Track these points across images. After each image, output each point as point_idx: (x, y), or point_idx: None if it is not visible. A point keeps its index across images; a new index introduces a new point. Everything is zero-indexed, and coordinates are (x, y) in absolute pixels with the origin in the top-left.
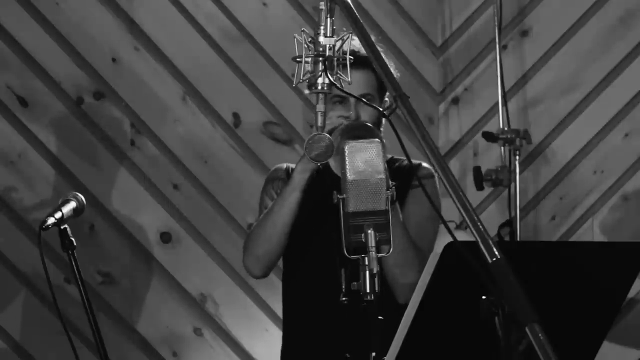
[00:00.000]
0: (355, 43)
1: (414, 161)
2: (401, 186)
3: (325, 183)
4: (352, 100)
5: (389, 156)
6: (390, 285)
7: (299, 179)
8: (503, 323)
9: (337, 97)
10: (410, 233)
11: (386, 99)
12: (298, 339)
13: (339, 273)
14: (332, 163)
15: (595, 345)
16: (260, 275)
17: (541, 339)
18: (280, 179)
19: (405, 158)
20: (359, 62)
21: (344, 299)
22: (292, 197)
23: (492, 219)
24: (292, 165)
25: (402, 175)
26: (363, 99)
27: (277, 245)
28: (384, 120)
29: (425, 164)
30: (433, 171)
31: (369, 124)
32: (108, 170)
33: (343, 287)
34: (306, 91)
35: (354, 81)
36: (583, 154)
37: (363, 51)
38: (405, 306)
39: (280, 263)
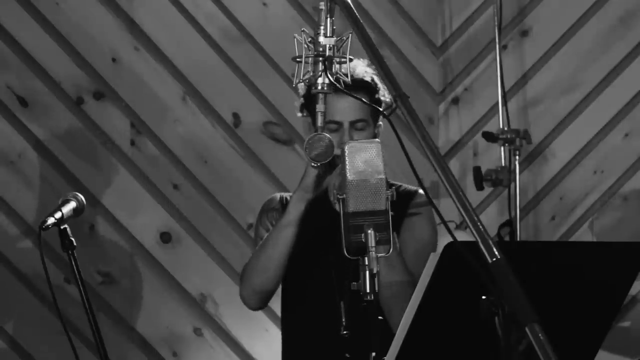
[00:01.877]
0: (352, 65)
1: (411, 188)
2: (397, 214)
3: (323, 214)
4: (345, 126)
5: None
6: (386, 314)
7: (295, 211)
8: (503, 323)
9: (331, 123)
10: (407, 261)
11: (380, 123)
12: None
13: (338, 305)
14: (331, 196)
15: (595, 345)
16: (257, 307)
17: (541, 339)
18: (275, 210)
19: (400, 183)
20: (353, 87)
21: (344, 332)
22: (287, 229)
23: (492, 219)
24: (287, 195)
25: (397, 202)
26: (363, 99)
27: (274, 277)
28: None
29: (421, 191)
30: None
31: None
32: (108, 170)
33: (343, 320)
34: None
35: (348, 107)
36: (583, 154)
37: (358, 75)
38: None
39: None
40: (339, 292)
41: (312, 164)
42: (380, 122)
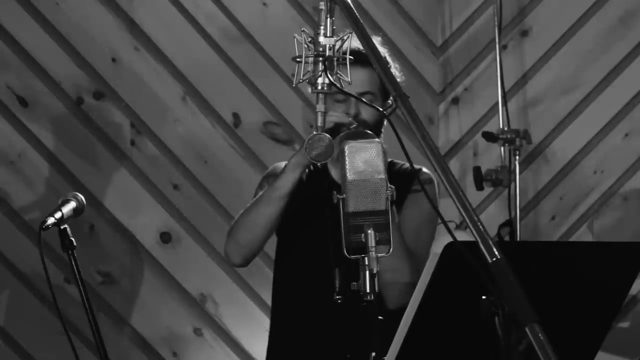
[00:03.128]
0: (355, 41)
1: (415, 166)
2: (400, 190)
3: (322, 177)
4: (353, 98)
5: (389, 159)
6: (381, 290)
7: (293, 173)
8: (503, 323)
9: (338, 95)
10: (407, 237)
11: (390, 101)
12: (287, 337)
13: (332, 272)
14: (333, 171)
15: (595, 345)
16: (239, 263)
17: (541, 339)
18: (276, 175)
19: (405, 162)
20: (360, 60)
21: (337, 297)
22: (283, 190)
23: (492, 219)
24: None
25: (401, 179)
26: (363, 99)
27: (261, 236)
28: (385, 120)
29: (425, 169)
30: (433, 176)
31: (367, 132)
32: (108, 170)
33: (337, 285)
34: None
35: (355, 79)
36: (583, 154)
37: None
38: (402, 309)
39: (271, 251)
40: (334, 257)
41: (314, 132)
42: (390, 101)
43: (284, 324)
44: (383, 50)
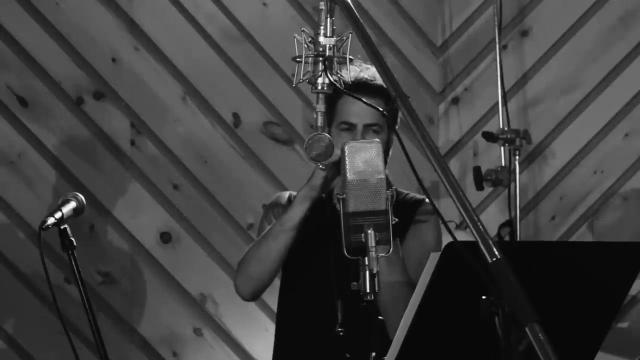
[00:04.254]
0: (368, 72)
1: (417, 196)
2: (403, 221)
3: (325, 211)
4: (359, 128)
5: (394, 187)
6: (384, 317)
7: (300, 207)
8: (503, 323)
9: (344, 124)
10: (410, 268)
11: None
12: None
13: (335, 304)
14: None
15: (595, 345)
16: (249, 297)
17: (541, 339)
18: (281, 206)
19: (408, 192)
20: (369, 91)
21: (339, 329)
22: (290, 224)
23: (492, 219)
24: (295, 193)
25: (404, 210)
26: (364, 101)
27: (271, 269)
28: (390, 151)
29: (427, 200)
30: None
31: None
32: (108, 170)
33: (339, 318)
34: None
35: (363, 111)
36: (583, 154)
37: (376, 81)
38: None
39: (277, 283)
40: (337, 290)
41: (320, 166)
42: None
43: (287, 354)
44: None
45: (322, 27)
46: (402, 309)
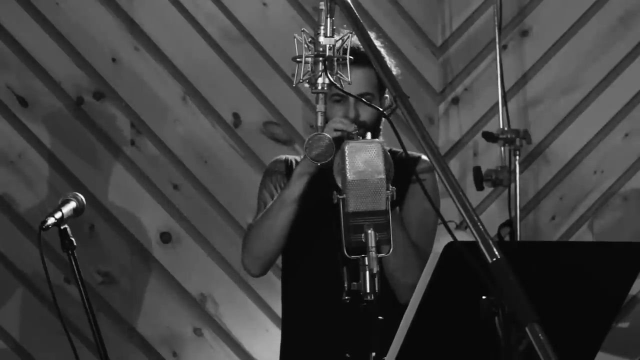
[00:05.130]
0: (355, 40)
1: (413, 153)
2: (400, 179)
3: (326, 182)
4: (351, 99)
5: (388, 148)
6: (392, 287)
7: (299, 182)
8: (503, 323)
9: (336, 95)
10: (411, 228)
11: (386, 95)
12: (298, 337)
13: (341, 272)
14: (338, 181)
15: (595, 345)
16: (259, 274)
17: (541, 339)
18: (279, 173)
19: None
20: (359, 60)
21: (346, 297)
22: (291, 199)
23: (492, 219)
24: (292, 158)
25: (401, 168)
26: (363, 99)
27: (276, 246)
28: (383, 119)
29: (424, 157)
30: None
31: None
32: (108, 170)
33: (345, 285)
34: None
35: (354, 79)
36: (583, 154)
37: (363, 49)
38: (404, 305)
39: (279, 261)
40: (341, 257)
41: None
42: (387, 95)
43: (295, 324)
44: (377, 44)
45: (322, 27)
46: (408, 270)
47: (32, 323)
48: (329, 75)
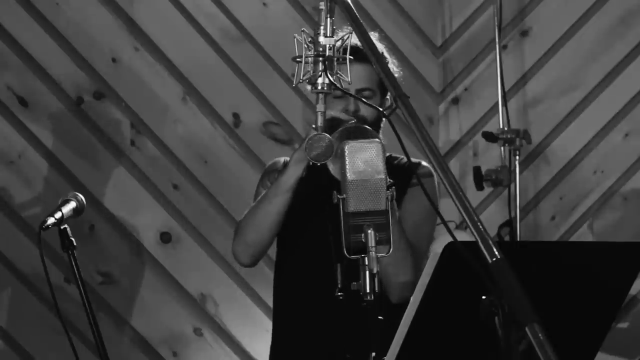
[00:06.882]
0: (355, 39)
1: (413, 159)
2: (399, 184)
3: (321, 174)
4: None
5: (388, 154)
6: (384, 284)
7: (296, 167)
8: (503, 323)
9: (336, 92)
10: (407, 232)
11: (387, 97)
12: (289, 335)
13: (334, 268)
14: (331, 166)
15: (596, 345)
16: (248, 263)
17: (541, 339)
18: (277, 171)
19: (404, 156)
20: (359, 56)
21: (339, 294)
22: (287, 185)
23: (492, 219)
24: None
25: (400, 174)
26: (363, 99)
27: (268, 234)
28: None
29: (424, 163)
30: (432, 170)
31: (367, 127)
32: (108, 170)
33: (339, 282)
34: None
35: (354, 75)
36: (583, 154)
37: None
38: (403, 305)
39: (273, 253)
40: (335, 254)
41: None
42: (388, 97)
43: (286, 321)
44: (381, 46)
45: (322, 27)
46: (401, 268)
47: (32, 323)
48: (329, 75)
